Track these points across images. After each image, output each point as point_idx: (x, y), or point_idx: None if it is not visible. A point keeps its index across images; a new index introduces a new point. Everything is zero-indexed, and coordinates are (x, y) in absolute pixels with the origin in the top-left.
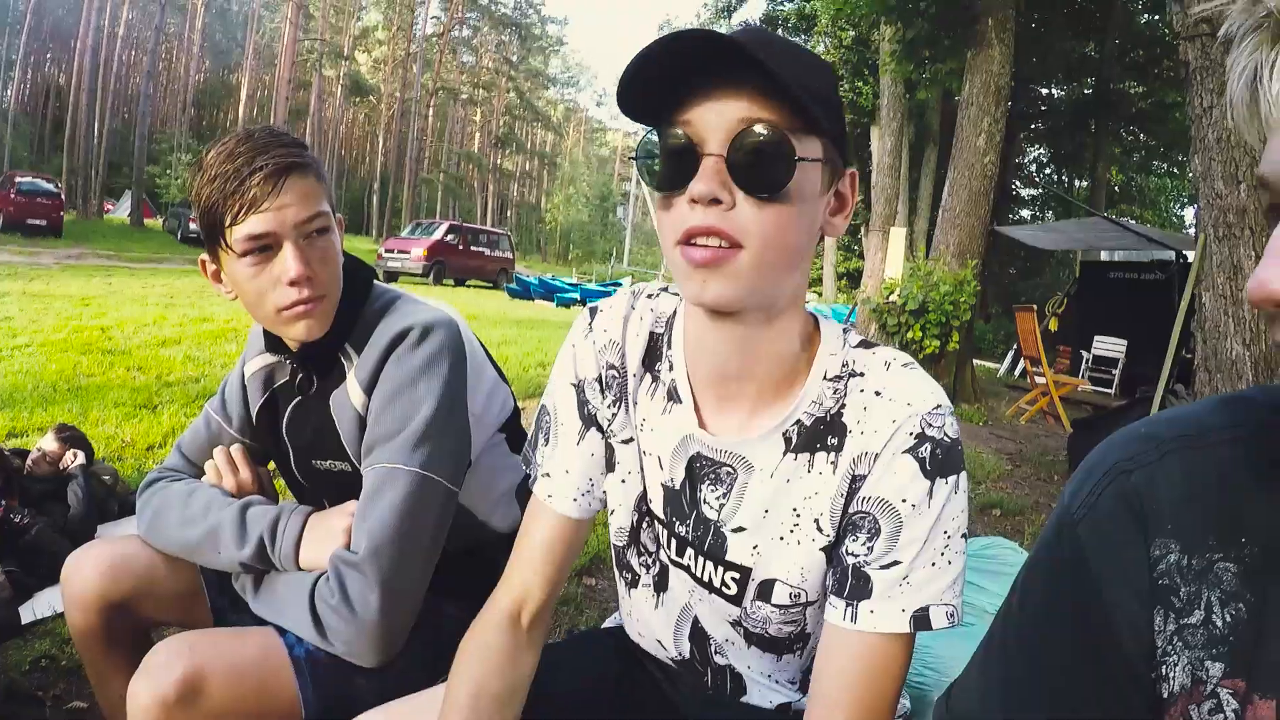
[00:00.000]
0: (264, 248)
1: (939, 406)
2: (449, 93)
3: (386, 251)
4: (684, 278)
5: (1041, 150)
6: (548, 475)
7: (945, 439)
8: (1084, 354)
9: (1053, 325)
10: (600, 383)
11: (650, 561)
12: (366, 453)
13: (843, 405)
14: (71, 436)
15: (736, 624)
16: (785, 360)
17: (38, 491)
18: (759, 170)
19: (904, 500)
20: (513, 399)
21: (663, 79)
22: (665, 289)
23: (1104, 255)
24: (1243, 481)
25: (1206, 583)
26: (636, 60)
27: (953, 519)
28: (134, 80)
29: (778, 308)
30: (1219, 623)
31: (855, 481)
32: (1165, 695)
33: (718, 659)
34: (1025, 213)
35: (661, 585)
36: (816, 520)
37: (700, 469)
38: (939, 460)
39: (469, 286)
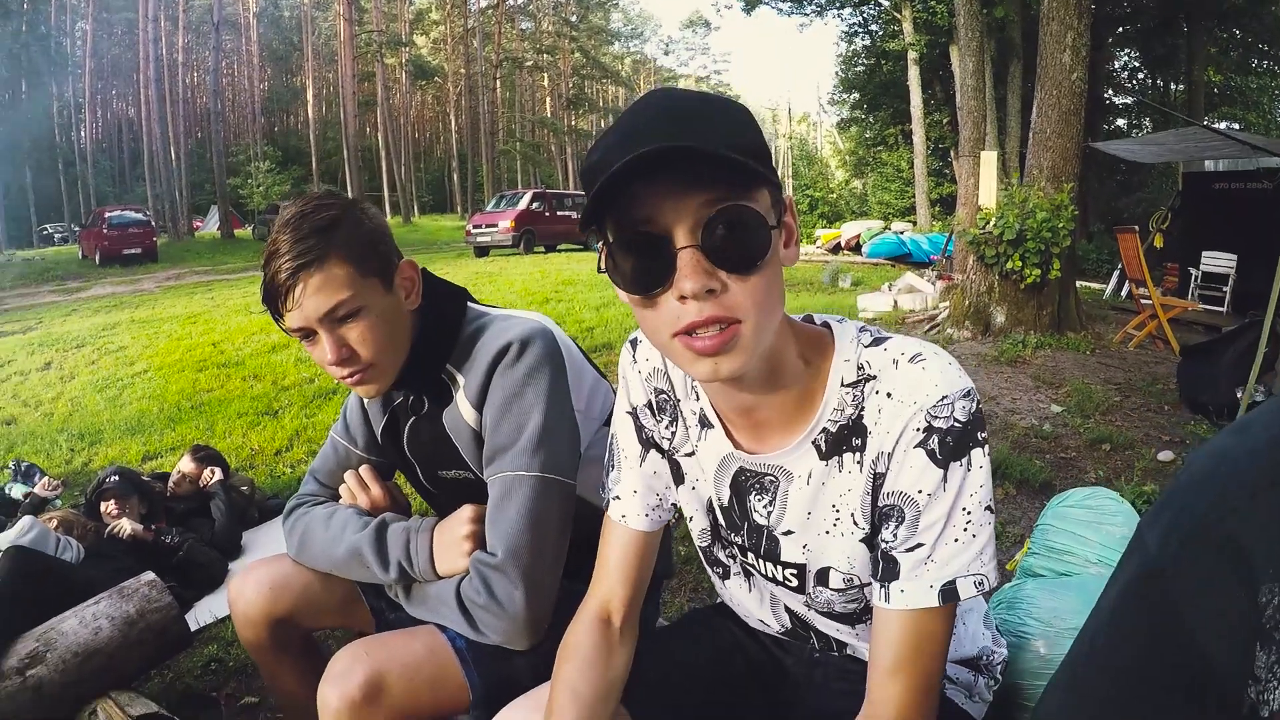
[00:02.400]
0: (307, 334)
1: (945, 397)
2: (513, 62)
3: (475, 227)
4: (690, 363)
5: (1131, 54)
6: (618, 499)
7: (955, 424)
8: (1192, 271)
9: (1158, 242)
10: (651, 408)
11: (735, 552)
12: (488, 462)
13: (862, 409)
14: (207, 455)
15: (808, 606)
16: (797, 380)
17: (182, 510)
18: (738, 249)
19: (920, 490)
20: (613, 394)
21: (613, 189)
22: None
23: (1208, 165)
24: None
25: None
26: (602, 184)
27: (971, 495)
28: (201, 100)
29: (771, 351)
30: None
31: (878, 479)
32: (1266, 715)
33: (815, 626)
34: (1120, 122)
35: (749, 572)
36: (852, 515)
37: (745, 481)
38: (949, 446)
39: (560, 251)
